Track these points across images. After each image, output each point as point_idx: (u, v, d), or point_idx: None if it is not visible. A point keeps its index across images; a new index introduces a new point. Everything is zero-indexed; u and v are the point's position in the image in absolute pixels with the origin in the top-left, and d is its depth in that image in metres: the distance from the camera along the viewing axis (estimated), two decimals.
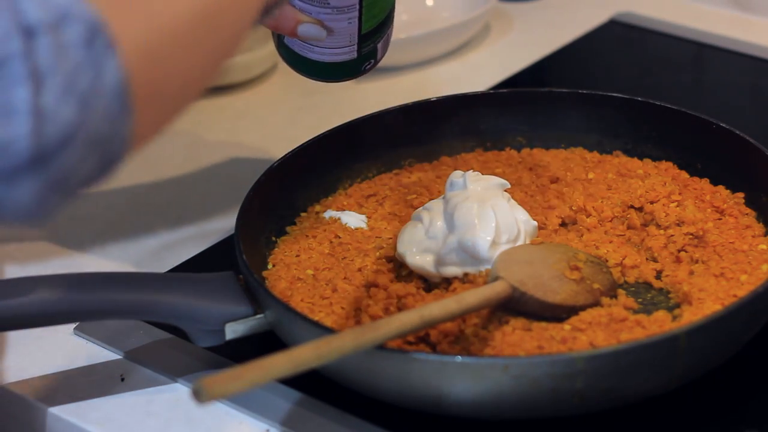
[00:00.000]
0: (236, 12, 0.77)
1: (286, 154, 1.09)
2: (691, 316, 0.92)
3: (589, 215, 1.05)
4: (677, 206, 1.04)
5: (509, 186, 1.03)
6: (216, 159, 1.26)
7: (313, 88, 1.34)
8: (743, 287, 0.94)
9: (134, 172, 1.17)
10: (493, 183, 1.02)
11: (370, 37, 1.07)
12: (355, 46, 1.07)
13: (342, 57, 1.08)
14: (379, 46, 1.09)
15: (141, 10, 0.69)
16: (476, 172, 1.03)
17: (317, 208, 1.10)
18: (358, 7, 1.04)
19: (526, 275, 0.94)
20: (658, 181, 1.07)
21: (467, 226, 0.97)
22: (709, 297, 0.94)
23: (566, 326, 0.92)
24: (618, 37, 1.48)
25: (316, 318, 0.94)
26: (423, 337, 0.92)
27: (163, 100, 0.71)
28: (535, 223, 1.02)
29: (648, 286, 0.99)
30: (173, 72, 0.71)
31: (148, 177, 1.24)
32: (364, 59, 1.10)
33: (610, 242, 1.02)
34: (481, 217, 0.97)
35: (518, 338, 0.91)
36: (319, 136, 1.11)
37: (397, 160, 1.15)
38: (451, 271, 0.97)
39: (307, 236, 1.06)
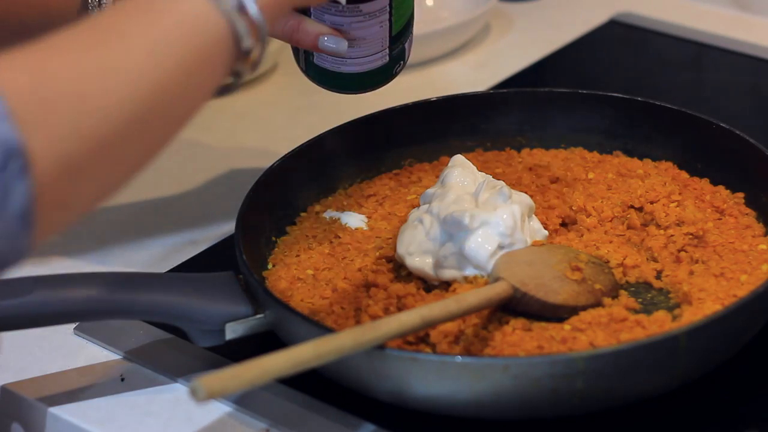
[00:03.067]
0: (186, 96, 0.76)
1: (286, 154, 1.09)
2: (691, 316, 0.92)
3: (589, 215, 1.05)
4: (677, 206, 1.04)
5: (531, 204, 1.02)
6: (216, 159, 1.26)
7: (313, 88, 1.34)
8: (743, 287, 0.94)
9: None
10: (506, 197, 1.01)
11: (399, 38, 1.08)
12: (387, 50, 1.07)
13: (376, 64, 1.08)
14: (407, 45, 1.09)
15: (66, 124, 0.68)
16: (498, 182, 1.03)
17: (317, 208, 1.09)
18: (388, 9, 1.03)
19: (527, 276, 0.94)
20: (658, 181, 1.07)
21: (469, 234, 0.97)
22: (709, 297, 0.94)
23: (566, 326, 0.92)
24: (618, 37, 1.48)
25: (316, 318, 0.94)
26: (423, 337, 0.92)
27: (75, 208, 0.71)
28: (546, 232, 1.02)
29: (648, 286, 0.99)
30: (92, 182, 0.71)
31: (148, 177, 1.23)
32: (395, 62, 1.10)
33: (610, 242, 1.02)
34: (484, 225, 0.97)
35: (518, 338, 0.91)
36: (319, 136, 1.11)
37: (397, 160, 1.15)
38: (450, 274, 0.97)
39: (307, 236, 1.06)
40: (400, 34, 1.07)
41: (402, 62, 1.10)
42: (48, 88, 0.68)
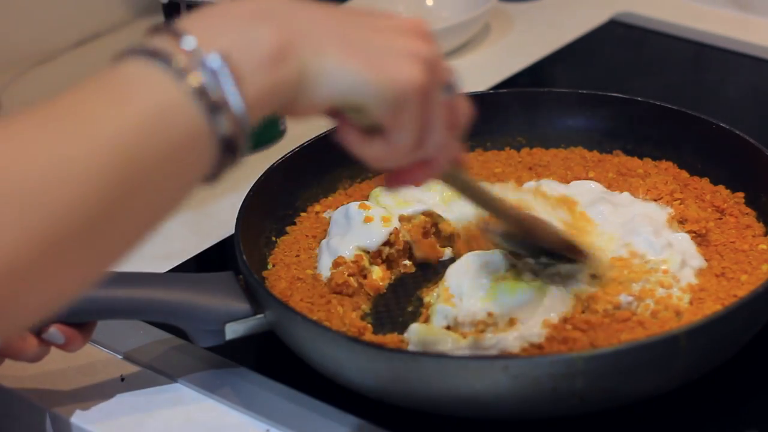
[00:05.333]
0: (154, 195, 0.66)
1: (286, 154, 1.09)
2: (691, 316, 0.92)
3: None
4: (680, 204, 1.04)
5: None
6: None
7: None
8: (743, 287, 0.94)
9: None
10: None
11: None
12: None
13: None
14: None
15: (10, 220, 0.60)
16: None
17: (317, 208, 1.09)
18: None
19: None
20: (659, 180, 1.07)
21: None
22: (709, 297, 0.94)
23: (567, 326, 0.92)
24: (618, 37, 1.48)
25: (315, 318, 0.94)
26: None
27: (19, 317, 0.62)
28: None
29: None
30: (40, 288, 0.62)
31: None
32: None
33: None
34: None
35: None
36: (319, 135, 1.11)
37: None
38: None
39: (307, 236, 1.06)
40: None
41: (284, 118, 1.11)
42: None
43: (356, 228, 1.01)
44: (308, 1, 0.73)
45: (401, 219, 1.03)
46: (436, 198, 1.05)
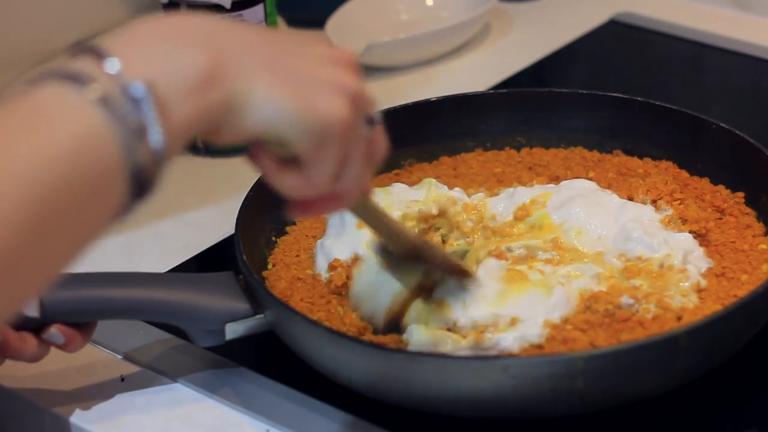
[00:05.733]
0: (67, 230, 0.62)
1: None
2: (691, 316, 0.92)
3: None
4: (680, 204, 1.04)
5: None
6: (216, 159, 1.26)
7: None
8: (743, 287, 0.94)
9: None
10: None
11: None
12: None
13: None
14: None
15: None
16: None
17: None
18: None
19: None
20: (659, 180, 1.07)
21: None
22: (709, 297, 0.94)
23: (567, 326, 0.91)
24: (618, 37, 1.48)
25: (315, 318, 0.94)
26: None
27: None
28: None
29: None
30: None
31: None
32: None
33: None
34: None
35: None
36: None
37: (397, 160, 1.14)
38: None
39: (307, 236, 1.06)
40: None
41: None
42: None
43: (349, 232, 1.01)
44: (239, 22, 0.72)
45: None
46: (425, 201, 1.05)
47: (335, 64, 0.74)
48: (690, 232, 1.01)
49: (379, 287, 0.95)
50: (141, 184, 0.65)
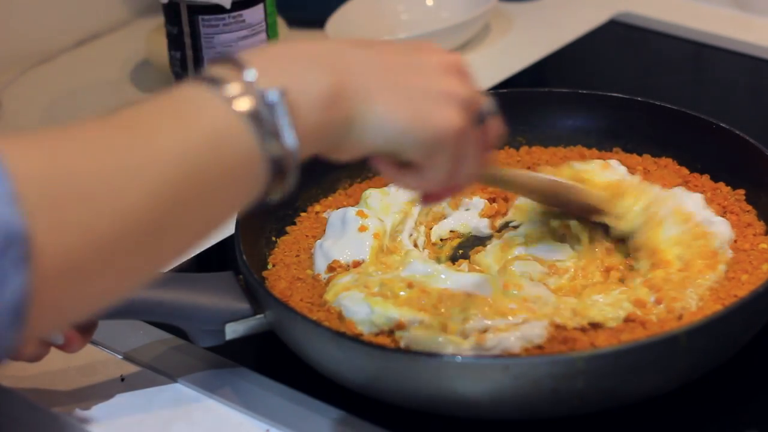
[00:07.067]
0: (206, 210, 0.69)
1: None
2: (691, 316, 0.92)
3: None
4: None
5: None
6: None
7: None
8: (744, 287, 0.94)
9: None
10: None
11: None
12: None
13: None
14: None
15: (76, 219, 0.62)
16: None
17: (317, 208, 1.09)
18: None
19: None
20: (664, 173, 1.07)
21: None
22: (709, 297, 0.94)
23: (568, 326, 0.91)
24: (618, 37, 1.48)
25: (315, 318, 0.94)
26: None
27: (71, 311, 0.65)
28: None
29: None
30: (94, 286, 0.65)
31: None
32: None
33: None
34: None
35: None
36: None
37: None
38: None
39: (307, 236, 1.06)
40: None
41: None
42: (62, 177, 0.63)
43: (350, 235, 1.01)
44: (359, 42, 0.78)
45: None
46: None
47: (447, 73, 0.79)
48: None
49: None
50: (277, 176, 0.71)
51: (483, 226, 1.06)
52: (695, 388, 0.91)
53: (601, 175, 1.04)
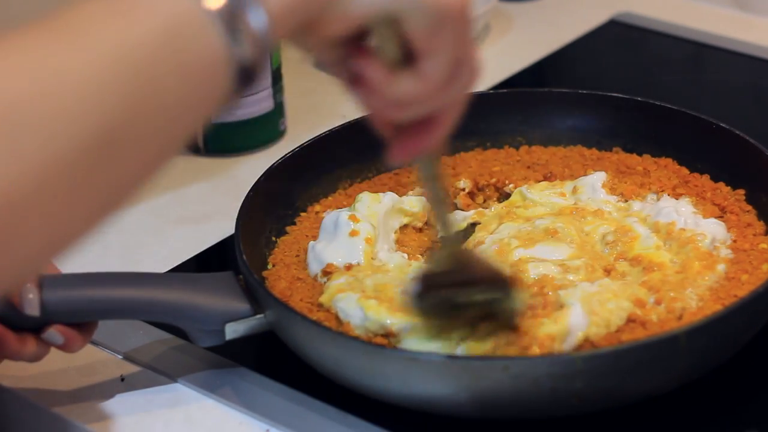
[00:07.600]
0: (166, 116, 0.59)
1: (286, 154, 1.09)
2: (691, 316, 0.92)
3: None
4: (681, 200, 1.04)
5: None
6: (216, 159, 1.26)
7: (312, 88, 1.34)
8: (744, 287, 0.94)
9: None
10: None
11: (278, 80, 1.17)
12: (270, 90, 1.17)
13: (262, 108, 1.18)
14: (284, 99, 1.15)
15: (5, 143, 0.53)
16: None
17: (317, 208, 1.09)
18: None
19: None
20: (661, 175, 1.07)
21: None
22: (709, 297, 0.94)
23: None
24: (618, 37, 1.48)
25: (315, 318, 0.94)
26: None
27: (14, 254, 0.55)
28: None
29: None
30: (39, 222, 0.55)
31: None
32: (279, 113, 1.18)
33: None
34: None
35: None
36: (319, 136, 1.11)
37: None
38: None
39: (307, 236, 1.06)
40: (279, 71, 1.10)
41: (284, 119, 1.13)
42: None
43: (341, 238, 1.01)
44: None
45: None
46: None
47: None
48: None
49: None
50: (245, 70, 0.61)
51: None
52: (695, 388, 0.91)
53: (552, 199, 1.04)
